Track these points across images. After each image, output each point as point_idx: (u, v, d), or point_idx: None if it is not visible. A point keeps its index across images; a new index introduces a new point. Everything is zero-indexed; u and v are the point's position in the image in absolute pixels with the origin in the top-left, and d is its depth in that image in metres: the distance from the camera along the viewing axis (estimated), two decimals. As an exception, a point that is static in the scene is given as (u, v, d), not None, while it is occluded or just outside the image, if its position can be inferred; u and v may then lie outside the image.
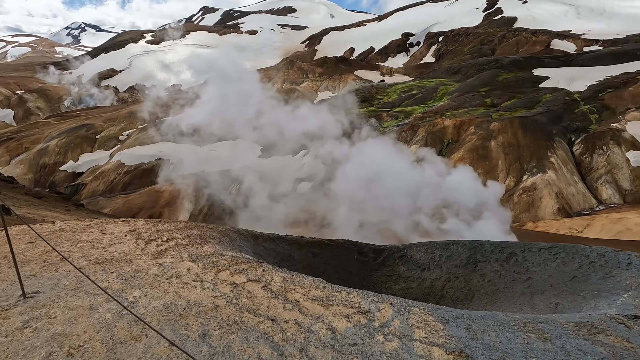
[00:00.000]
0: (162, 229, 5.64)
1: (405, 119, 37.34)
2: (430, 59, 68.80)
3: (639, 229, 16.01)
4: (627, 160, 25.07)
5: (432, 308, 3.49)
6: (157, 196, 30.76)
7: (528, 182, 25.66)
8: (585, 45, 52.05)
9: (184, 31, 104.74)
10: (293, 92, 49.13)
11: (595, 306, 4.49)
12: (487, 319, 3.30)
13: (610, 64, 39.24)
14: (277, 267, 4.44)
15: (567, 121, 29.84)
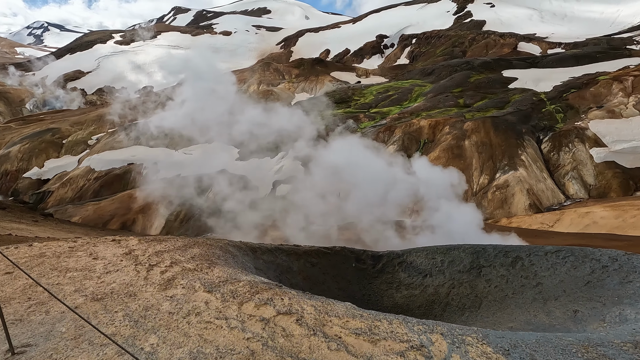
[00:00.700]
0: (160, 250, 5.12)
1: (382, 119, 37.83)
2: (404, 60, 70.14)
3: (605, 222, 16.91)
4: (590, 157, 26.42)
5: (484, 334, 3.24)
6: (130, 202, 29.65)
7: (501, 179, 26.58)
8: (549, 48, 54.61)
9: (155, 32, 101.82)
10: (270, 93, 48.74)
11: (620, 314, 4.37)
12: (544, 344, 3.12)
13: (573, 66, 41.34)
14: (300, 291, 4.13)
15: (535, 120, 31.14)
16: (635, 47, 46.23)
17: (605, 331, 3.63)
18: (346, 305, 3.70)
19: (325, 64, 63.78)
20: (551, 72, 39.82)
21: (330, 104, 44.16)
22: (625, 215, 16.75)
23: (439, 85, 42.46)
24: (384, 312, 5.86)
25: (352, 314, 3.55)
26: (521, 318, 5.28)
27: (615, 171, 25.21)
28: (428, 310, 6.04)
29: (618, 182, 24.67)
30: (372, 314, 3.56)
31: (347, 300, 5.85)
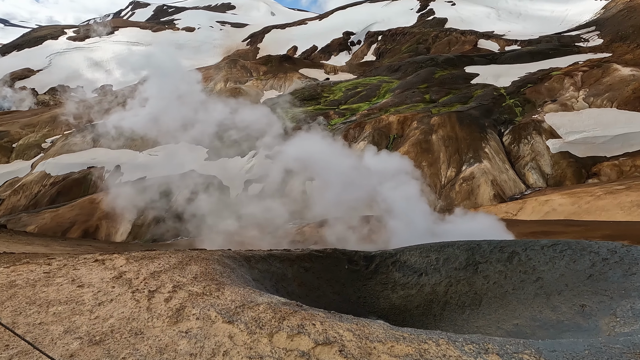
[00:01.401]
0: (155, 270, 4.51)
1: (352, 116, 38.17)
2: (371, 57, 71.08)
3: (563, 209, 18.05)
4: (547, 148, 28.07)
5: (536, 350, 3.03)
6: (92, 208, 28.07)
7: (467, 171, 27.64)
8: (507, 45, 57.33)
9: (112, 27, 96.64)
10: (238, 91, 47.77)
11: (632, 308, 4.30)
12: (596, 354, 2.95)
13: (528, 62, 43.64)
14: (322, 310, 3.81)
15: (497, 114, 32.63)
16: (582, 44, 49.54)
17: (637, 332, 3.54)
18: (381, 325, 3.47)
19: (293, 61, 63.38)
20: (509, 68, 41.84)
21: (300, 101, 43.98)
22: (580, 202, 17.97)
23: (405, 82, 43.41)
24: (381, 314, 5.89)
25: (393, 337, 3.24)
26: (526, 314, 5.21)
27: (569, 160, 26.95)
28: (427, 310, 5.96)
29: (572, 171, 26.39)
30: (413, 334, 3.32)
31: (343, 304, 5.76)
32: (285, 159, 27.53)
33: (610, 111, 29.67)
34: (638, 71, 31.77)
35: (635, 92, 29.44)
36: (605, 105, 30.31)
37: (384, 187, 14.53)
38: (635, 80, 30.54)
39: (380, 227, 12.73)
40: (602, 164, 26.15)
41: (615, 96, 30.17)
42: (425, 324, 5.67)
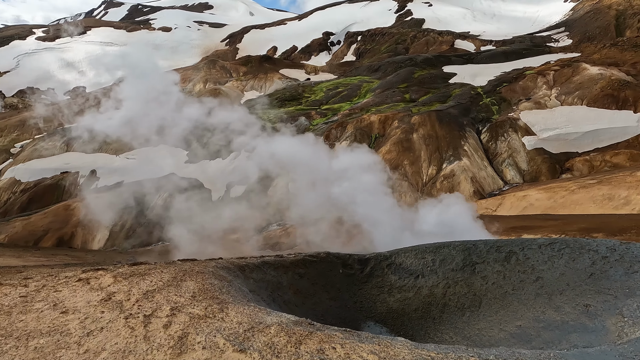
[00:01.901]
0: (148, 290, 4.05)
1: (334, 116, 38.26)
2: (351, 57, 71.52)
3: (540, 204, 18.67)
4: (523, 145, 28.96)
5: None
6: (66, 215, 27.03)
7: (447, 169, 28.19)
8: (482, 45, 58.87)
9: (84, 27, 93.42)
10: (218, 92, 47.07)
11: (638, 307, 4.21)
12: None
13: (503, 62, 44.92)
14: (336, 328, 3.58)
15: (474, 113, 33.42)
16: (553, 44, 51.43)
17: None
18: (403, 344, 3.25)
19: (273, 61, 63.01)
20: (485, 68, 42.95)
21: (281, 102, 43.74)
22: (555, 197, 18.63)
23: (385, 81, 43.88)
24: (379, 318, 5.76)
25: (421, 358, 2.98)
26: (528, 315, 5.09)
27: (544, 157, 27.90)
28: (425, 313, 5.83)
29: (547, 167, 27.33)
30: (440, 352, 3.07)
31: (340, 311, 5.63)
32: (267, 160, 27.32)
33: (581, 109, 30.90)
34: (605, 70, 33.22)
35: (603, 90, 30.78)
36: (576, 103, 31.55)
37: (347, 183, 14.35)
38: (603, 79, 31.92)
39: (354, 225, 12.51)
40: (575, 159, 27.22)
41: (585, 94, 31.46)
42: (425, 327, 5.58)
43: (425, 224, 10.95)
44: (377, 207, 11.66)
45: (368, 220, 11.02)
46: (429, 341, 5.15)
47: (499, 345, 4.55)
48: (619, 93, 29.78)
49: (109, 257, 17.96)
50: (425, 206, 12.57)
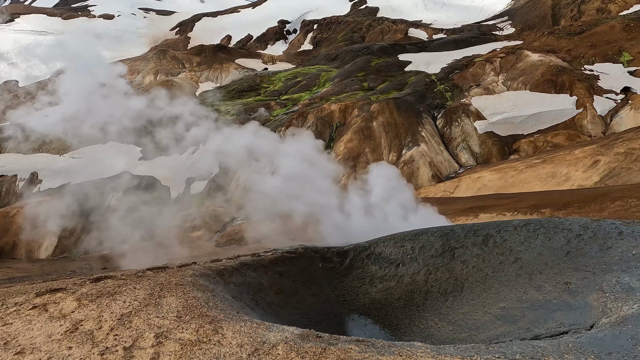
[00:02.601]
0: (123, 313, 3.43)
1: (294, 106, 37.92)
2: (308, 46, 70.90)
3: (492, 184, 19.90)
4: (475, 129, 30.55)
5: (596, 354, 2.89)
6: (5, 223, 24.68)
7: (407, 155, 29.11)
8: (434, 34, 60.83)
9: (12, 14, 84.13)
10: (170, 84, 44.73)
11: (619, 283, 4.31)
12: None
13: (454, 50, 46.79)
14: (346, 338, 3.35)
15: (430, 99, 34.64)
16: (498, 32, 54.34)
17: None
18: (424, 350, 3.09)
19: (228, 51, 60.87)
20: (438, 56, 44.49)
21: (239, 93, 42.54)
22: (506, 177, 19.94)
23: (344, 70, 44.09)
24: (363, 310, 5.74)
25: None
26: (511, 296, 5.16)
27: (494, 140, 29.66)
28: (409, 301, 5.85)
29: (497, 149, 29.11)
30: (465, 357, 2.93)
31: (323, 306, 5.53)
32: (226, 154, 26.56)
33: (525, 93, 33.07)
34: (545, 57, 35.71)
35: (543, 76, 33.12)
36: (520, 88, 33.71)
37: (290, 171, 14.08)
38: (543, 65, 34.32)
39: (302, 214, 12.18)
40: (521, 141, 29.21)
41: (528, 80, 33.68)
42: (409, 315, 5.62)
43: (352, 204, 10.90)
44: (320, 194, 11.53)
45: (313, 207, 10.85)
46: (414, 329, 5.28)
47: (485, 328, 4.76)
48: (557, 78, 32.20)
49: (61, 266, 16.66)
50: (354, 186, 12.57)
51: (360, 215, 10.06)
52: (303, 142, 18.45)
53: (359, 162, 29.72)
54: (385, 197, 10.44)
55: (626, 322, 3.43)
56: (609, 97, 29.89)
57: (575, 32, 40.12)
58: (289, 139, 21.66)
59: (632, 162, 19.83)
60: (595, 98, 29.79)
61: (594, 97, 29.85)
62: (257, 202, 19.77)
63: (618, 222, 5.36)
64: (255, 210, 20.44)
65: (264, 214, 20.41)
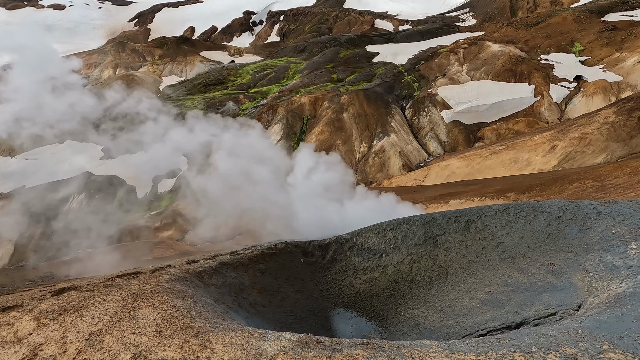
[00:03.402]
0: (92, 332, 2.95)
1: (263, 99, 37.28)
2: (275, 38, 69.69)
3: (460, 171, 20.60)
4: (442, 118, 31.42)
5: (611, 341, 2.87)
6: (-48, 232, 22.65)
7: (378, 145, 29.50)
8: (400, 25, 61.60)
9: (-55, 3, 76.47)
10: (131, 78, 42.54)
11: (602, 262, 4.33)
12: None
13: (419, 41, 47.65)
14: (352, 340, 3.13)
15: (398, 90, 35.18)
16: (461, 24, 55.89)
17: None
18: (435, 349, 2.95)
19: (192, 43, 58.63)
20: (404, 47, 45.16)
21: (205, 86, 41.23)
22: (472, 163, 20.70)
23: (312, 62, 43.77)
24: (348, 303, 5.63)
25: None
26: (496, 280, 5.16)
27: (460, 128, 30.65)
28: (394, 291, 5.79)
29: (463, 137, 30.11)
30: (480, 353, 2.83)
31: (308, 302, 5.36)
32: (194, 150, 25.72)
33: (487, 83, 34.34)
34: (504, 47, 37.17)
35: (504, 66, 34.49)
36: (483, 77, 34.95)
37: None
38: (503, 55, 35.73)
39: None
40: (485, 129, 30.38)
41: (490, 70, 34.97)
42: (395, 305, 5.58)
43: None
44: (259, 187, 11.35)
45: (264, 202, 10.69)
46: (400, 319, 5.28)
47: (472, 313, 4.83)
48: (516, 67, 33.65)
49: (18, 276, 15.50)
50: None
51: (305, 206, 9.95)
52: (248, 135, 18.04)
53: (331, 154, 29.77)
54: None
55: (623, 302, 3.49)
56: (563, 85, 31.65)
57: (532, 23, 42.01)
58: (233, 133, 21.20)
59: (586, 145, 21.19)
60: (551, 86, 31.45)
61: (550, 86, 31.50)
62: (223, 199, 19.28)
63: (595, 202, 5.47)
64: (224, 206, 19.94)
65: (231, 211, 20.00)
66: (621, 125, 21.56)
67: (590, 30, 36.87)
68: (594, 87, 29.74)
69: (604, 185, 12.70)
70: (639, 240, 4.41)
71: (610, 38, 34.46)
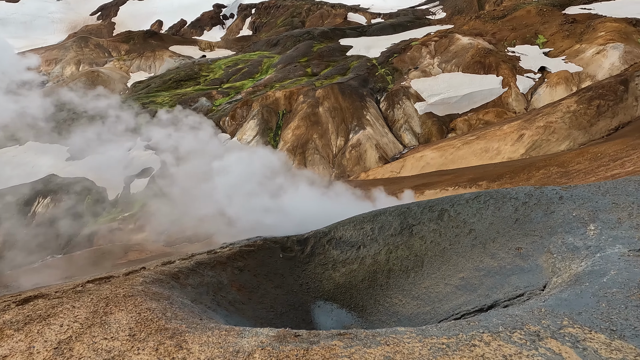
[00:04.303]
0: (61, 340, 2.79)
1: (237, 94, 36.65)
2: (247, 32, 68.45)
3: (435, 162, 21.12)
4: (415, 111, 31.99)
5: (570, 316, 3.00)
6: None
7: (354, 139, 29.72)
8: (372, 18, 61.93)
9: None
10: (96, 75, 40.68)
11: (564, 243, 4.55)
12: (586, 296, 3.09)
13: (392, 34, 48.14)
14: (329, 331, 3.12)
15: (372, 83, 35.47)
16: (431, 17, 56.85)
17: (586, 263, 3.84)
18: (410, 335, 3.01)
19: (160, 37, 56.64)
20: (377, 40, 45.50)
21: (176, 83, 40.05)
22: (446, 154, 21.26)
23: (286, 56, 43.35)
24: (328, 296, 5.70)
25: (437, 349, 2.77)
26: (468, 266, 5.35)
27: (433, 120, 31.33)
28: (372, 281, 5.89)
29: (436, 128, 30.81)
30: (452, 336, 2.93)
31: (288, 297, 5.36)
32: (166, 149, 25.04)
33: (458, 75, 35.19)
34: (473, 40, 38.15)
35: (473, 58, 35.43)
36: (454, 69, 35.79)
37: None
38: (472, 47, 36.68)
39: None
40: (457, 120, 31.20)
41: (460, 62, 35.83)
42: (374, 295, 5.68)
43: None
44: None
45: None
46: (379, 308, 5.41)
47: (447, 299, 4.99)
48: (485, 60, 34.65)
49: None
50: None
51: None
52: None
53: (308, 148, 29.76)
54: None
55: (582, 280, 3.68)
56: (529, 76, 32.91)
57: (498, 16, 43.30)
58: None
59: (551, 134, 22.21)
60: (517, 77, 32.63)
61: (517, 77, 32.68)
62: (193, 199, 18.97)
63: (558, 187, 5.73)
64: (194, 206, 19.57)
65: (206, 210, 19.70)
66: (582, 113, 22.72)
67: (552, 23, 38.44)
68: (557, 78, 31.11)
69: (567, 171, 13.40)
70: (596, 222, 4.68)
71: (571, 30, 36.08)
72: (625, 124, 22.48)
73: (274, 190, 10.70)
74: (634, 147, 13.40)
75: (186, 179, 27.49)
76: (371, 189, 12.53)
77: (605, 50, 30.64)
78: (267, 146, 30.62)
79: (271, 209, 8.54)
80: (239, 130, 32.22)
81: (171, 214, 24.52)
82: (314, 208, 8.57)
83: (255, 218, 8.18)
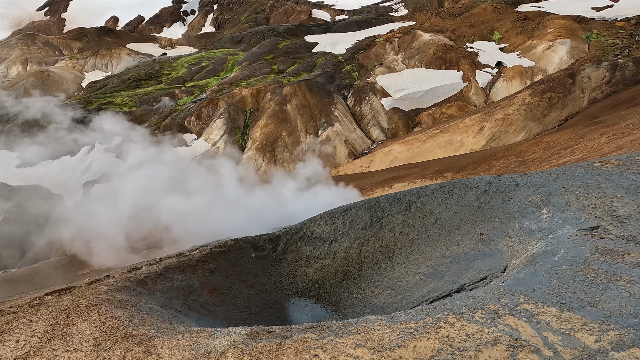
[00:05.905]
0: (17, 356, 2.68)
1: (202, 93, 35.67)
2: (210, 28, 66.66)
3: (402, 155, 21.67)
4: (382, 106, 32.60)
5: (526, 294, 3.15)
6: None
7: (323, 135, 29.85)
8: (337, 15, 62.26)
9: None
10: (47, 75, 38.09)
11: (521, 228, 4.82)
12: (543, 274, 3.34)
13: (356, 30, 48.63)
14: (306, 324, 3.16)
15: (339, 80, 35.73)
16: (394, 14, 58.01)
17: (534, 244, 4.09)
18: (379, 322, 3.07)
19: (117, 34, 53.87)
20: (342, 36, 45.82)
21: (136, 82, 38.35)
22: (412, 148, 21.87)
23: (251, 53, 42.69)
24: (302, 292, 5.75)
25: (406, 334, 2.87)
26: (435, 254, 5.57)
27: (399, 115, 32.09)
28: (345, 275, 5.99)
29: (402, 123, 31.59)
30: (419, 320, 3.05)
31: (262, 296, 5.32)
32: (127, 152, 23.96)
33: (421, 70, 36.21)
34: (435, 36, 39.38)
35: (435, 54, 36.58)
36: (417, 65, 36.78)
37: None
38: (434, 43, 37.85)
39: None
40: (421, 114, 32.15)
41: (423, 58, 36.88)
42: (347, 289, 5.78)
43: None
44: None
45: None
46: (353, 300, 5.52)
47: (417, 287, 5.18)
48: (446, 55, 35.87)
49: None
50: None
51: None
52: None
53: (277, 146, 29.56)
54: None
55: (536, 261, 3.94)
56: (487, 71, 34.46)
57: (457, 13, 44.92)
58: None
59: (508, 125, 23.44)
60: (477, 72, 34.07)
61: (476, 72, 34.13)
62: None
63: (514, 175, 6.06)
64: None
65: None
66: (535, 105, 24.13)
67: (506, 19, 40.40)
68: (512, 72, 32.80)
69: (524, 161, 14.23)
70: (549, 206, 5.01)
71: (524, 27, 38.11)
72: (574, 114, 24.16)
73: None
74: (581, 136, 14.46)
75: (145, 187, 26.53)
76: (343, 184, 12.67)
77: (554, 46, 32.65)
78: (235, 146, 30.08)
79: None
80: (205, 130, 31.43)
81: (138, 220, 23.55)
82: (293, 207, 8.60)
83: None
